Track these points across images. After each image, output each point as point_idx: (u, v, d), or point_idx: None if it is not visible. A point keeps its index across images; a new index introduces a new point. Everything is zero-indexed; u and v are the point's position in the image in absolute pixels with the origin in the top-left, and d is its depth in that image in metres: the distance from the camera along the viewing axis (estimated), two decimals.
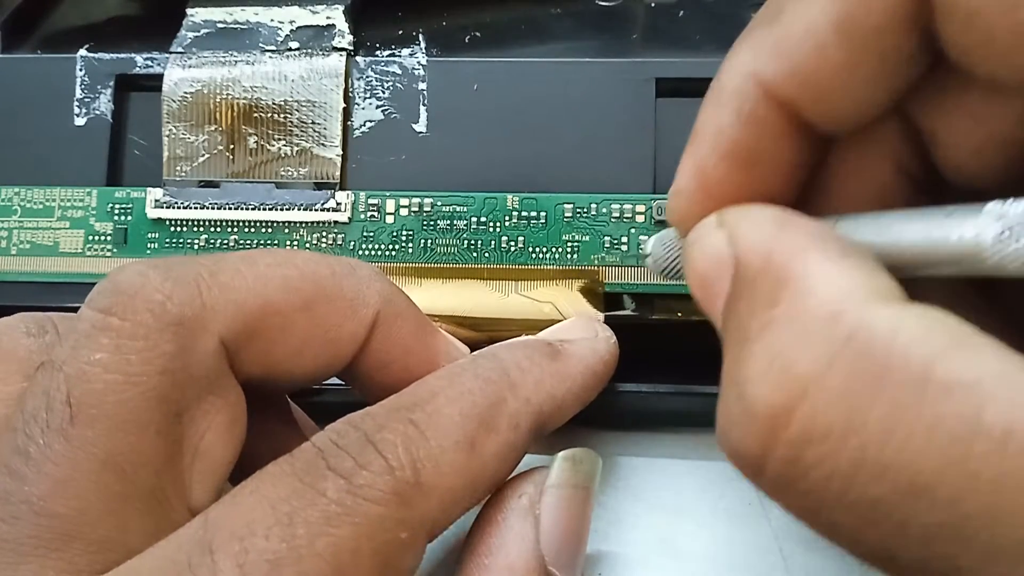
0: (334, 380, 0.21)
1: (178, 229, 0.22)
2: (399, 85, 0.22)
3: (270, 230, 0.22)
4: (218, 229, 0.22)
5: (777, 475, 0.11)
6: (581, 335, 0.18)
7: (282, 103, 0.22)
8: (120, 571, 0.13)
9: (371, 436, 0.14)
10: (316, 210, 0.21)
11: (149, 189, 0.22)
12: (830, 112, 0.13)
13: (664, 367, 0.20)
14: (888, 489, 0.10)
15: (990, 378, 0.10)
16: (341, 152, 0.22)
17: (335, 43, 0.22)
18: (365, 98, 0.22)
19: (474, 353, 0.17)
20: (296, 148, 0.22)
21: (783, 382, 0.11)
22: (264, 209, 0.21)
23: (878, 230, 0.13)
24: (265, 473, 0.14)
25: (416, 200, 0.21)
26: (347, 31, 0.22)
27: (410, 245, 0.21)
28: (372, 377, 0.17)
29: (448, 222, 0.21)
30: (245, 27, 0.23)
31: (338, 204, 0.21)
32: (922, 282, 0.13)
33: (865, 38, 0.12)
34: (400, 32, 0.23)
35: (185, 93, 0.22)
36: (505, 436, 0.15)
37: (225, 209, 0.21)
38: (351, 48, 0.22)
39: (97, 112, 0.23)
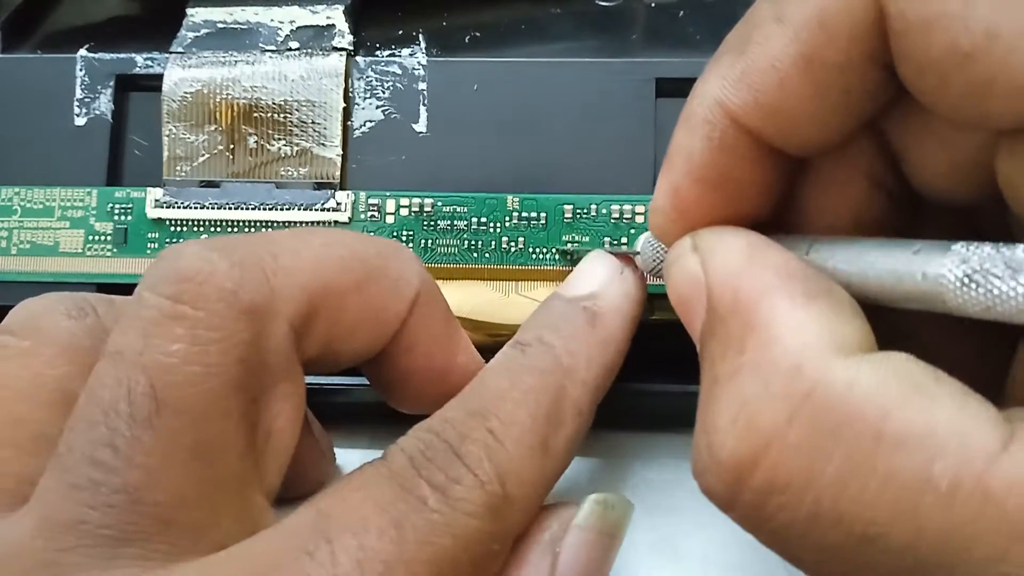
0: (334, 380, 0.21)
1: (178, 229, 0.22)
2: (399, 85, 0.22)
3: (270, 230, 0.22)
4: (218, 229, 0.22)
5: (745, 517, 0.12)
6: (605, 278, 0.18)
7: (282, 103, 0.22)
8: (234, 551, 0.13)
9: (456, 448, 0.14)
10: (316, 210, 0.21)
11: (149, 189, 0.22)
12: (797, 140, 0.14)
13: (664, 367, 0.20)
14: (844, 536, 0.11)
15: (943, 429, 0.10)
16: (341, 152, 0.22)
17: (335, 43, 0.22)
18: (365, 98, 0.22)
19: (517, 339, 0.17)
20: (296, 148, 0.22)
21: (746, 435, 0.11)
22: (264, 209, 0.21)
23: (849, 259, 0.13)
24: (365, 474, 0.14)
25: (416, 200, 0.21)
26: (347, 31, 0.22)
27: (410, 245, 0.21)
28: (397, 361, 0.17)
29: (448, 222, 0.21)
30: (245, 27, 0.23)
31: (338, 204, 0.21)
32: None
33: (828, 74, 0.13)
34: (400, 32, 0.23)
35: (185, 93, 0.22)
36: (571, 426, 0.16)
37: (225, 209, 0.22)
38: (351, 48, 0.22)
39: (97, 112, 0.23)
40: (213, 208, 0.22)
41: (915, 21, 0.11)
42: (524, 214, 0.21)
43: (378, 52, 0.22)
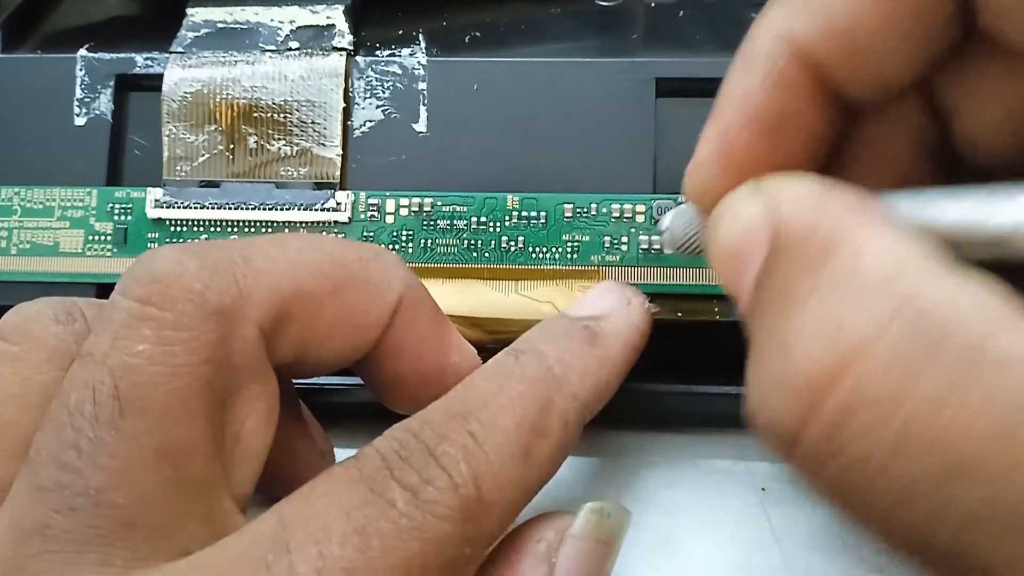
0: (334, 380, 0.21)
1: (178, 229, 0.22)
2: (399, 85, 0.22)
3: (270, 230, 0.22)
4: (218, 229, 0.22)
5: (813, 447, 0.11)
6: (612, 305, 0.18)
7: (282, 103, 0.22)
8: (194, 559, 0.13)
9: (433, 449, 0.14)
10: (316, 210, 0.21)
11: (149, 189, 0.22)
12: (863, 75, 0.13)
13: (664, 367, 0.20)
14: (932, 465, 0.10)
15: None
16: (341, 152, 0.22)
17: (335, 43, 0.22)
18: (365, 98, 0.22)
19: (513, 347, 0.16)
20: (296, 148, 0.22)
21: (833, 344, 0.10)
22: (264, 209, 0.21)
23: (917, 207, 0.12)
24: (333, 477, 0.14)
25: (416, 200, 0.21)
26: (347, 31, 0.22)
27: (410, 245, 0.21)
28: (384, 364, 0.17)
29: (448, 222, 0.21)
30: (245, 27, 0.23)
31: (338, 204, 0.21)
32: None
33: None
34: (400, 32, 0.23)
35: (185, 93, 0.22)
36: (557, 437, 0.15)
37: (225, 209, 0.22)
38: (351, 48, 0.22)
39: (97, 112, 0.23)
40: (213, 208, 0.22)
41: None
42: (524, 214, 0.21)
43: (378, 52, 0.22)
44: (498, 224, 0.21)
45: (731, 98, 0.14)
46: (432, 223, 0.21)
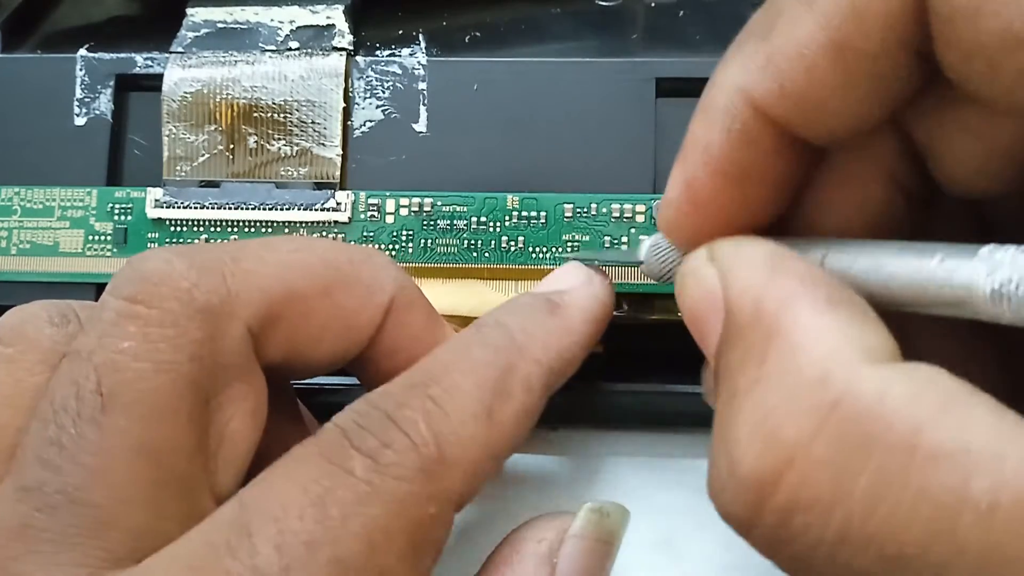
0: (333, 380, 0.21)
1: (178, 229, 0.22)
2: (399, 85, 0.22)
3: (270, 230, 0.22)
4: (218, 229, 0.22)
5: (765, 539, 0.11)
6: (575, 282, 0.18)
7: (282, 103, 0.22)
8: (160, 555, 0.13)
9: (392, 414, 0.14)
10: (316, 210, 0.21)
11: (149, 189, 0.22)
12: (821, 129, 0.13)
13: (663, 367, 0.20)
14: (874, 560, 0.10)
15: (979, 446, 0.10)
16: (341, 152, 0.22)
17: (335, 43, 0.22)
18: (365, 98, 0.22)
19: (476, 322, 0.17)
20: (296, 148, 0.22)
21: (769, 449, 0.11)
22: (264, 209, 0.21)
23: (870, 268, 0.13)
24: (293, 456, 0.14)
25: (416, 200, 0.21)
26: (347, 31, 0.22)
27: (410, 245, 0.21)
28: (379, 364, 0.17)
29: (448, 222, 0.21)
30: (245, 27, 0.23)
31: (338, 204, 0.21)
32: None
33: (859, 62, 0.12)
34: (400, 32, 0.23)
35: (185, 93, 0.22)
36: (520, 400, 0.15)
37: (225, 209, 0.22)
38: (351, 48, 0.22)
39: (97, 112, 0.23)
40: (213, 208, 0.22)
41: (963, 6, 0.11)
42: (524, 214, 0.21)
43: (378, 52, 0.22)
44: (498, 224, 0.21)
45: (694, 149, 0.14)
46: (432, 223, 0.21)
